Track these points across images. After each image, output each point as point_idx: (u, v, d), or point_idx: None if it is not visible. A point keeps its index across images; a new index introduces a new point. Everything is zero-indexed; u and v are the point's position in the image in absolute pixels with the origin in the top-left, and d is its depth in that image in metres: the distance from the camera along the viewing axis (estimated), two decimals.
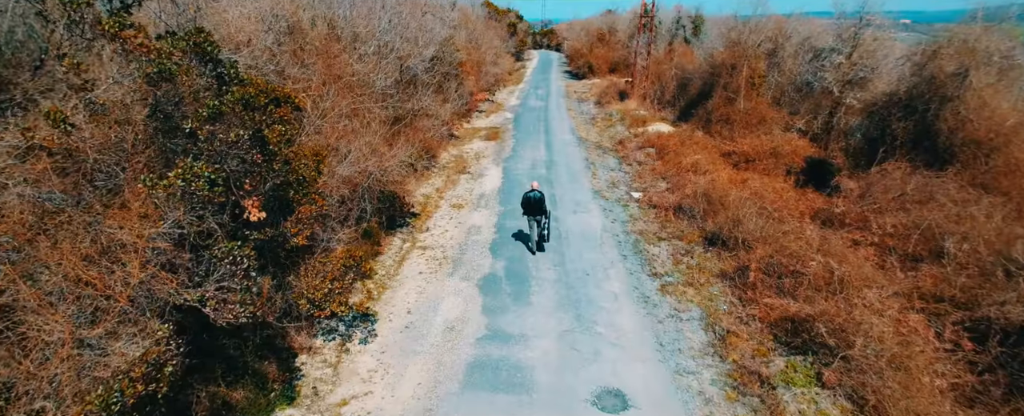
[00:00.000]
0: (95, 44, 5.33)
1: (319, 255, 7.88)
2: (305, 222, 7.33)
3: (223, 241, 5.20)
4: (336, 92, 12.00)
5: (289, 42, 11.41)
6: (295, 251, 7.43)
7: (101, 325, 4.06)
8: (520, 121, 25.27)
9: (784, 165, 17.55)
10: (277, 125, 7.40)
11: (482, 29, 33.34)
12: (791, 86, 21.01)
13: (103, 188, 4.91)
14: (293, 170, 7.40)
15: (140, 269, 4.36)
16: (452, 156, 19.34)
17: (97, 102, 4.89)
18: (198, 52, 6.03)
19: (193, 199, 4.68)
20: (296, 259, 7.53)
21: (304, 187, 7.59)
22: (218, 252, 4.97)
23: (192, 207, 4.79)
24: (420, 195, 15.25)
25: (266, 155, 6.50)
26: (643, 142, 20.88)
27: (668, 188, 15.83)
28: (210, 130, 5.40)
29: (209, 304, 4.78)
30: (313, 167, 7.83)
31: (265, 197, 7.12)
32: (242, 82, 6.69)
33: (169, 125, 5.88)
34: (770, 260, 10.04)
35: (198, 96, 5.81)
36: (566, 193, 15.54)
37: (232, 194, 5.88)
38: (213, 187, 4.89)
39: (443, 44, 20.22)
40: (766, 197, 13.70)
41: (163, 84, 5.61)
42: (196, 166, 4.78)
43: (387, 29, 15.57)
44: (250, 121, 6.11)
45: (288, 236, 7.14)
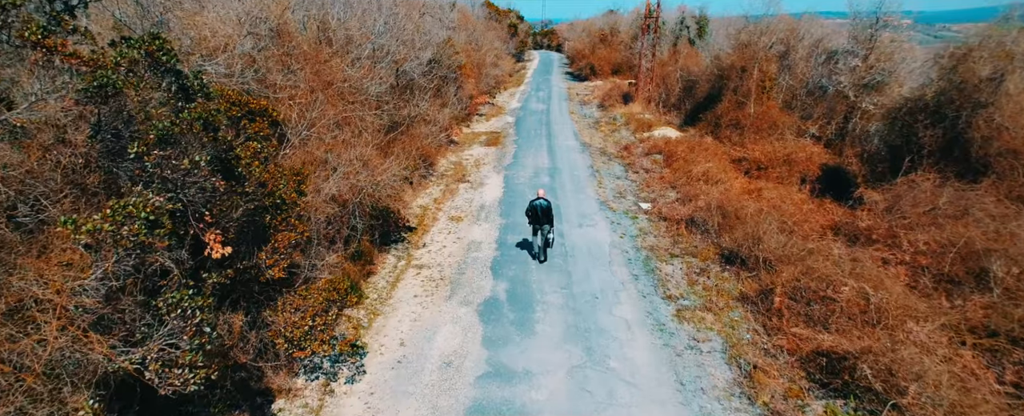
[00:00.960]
0: (24, 54, 4.47)
1: (300, 287, 7.00)
2: (283, 251, 6.45)
3: (177, 287, 4.33)
4: (326, 100, 11.14)
5: (274, 47, 10.54)
6: (272, 284, 6.55)
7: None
8: (521, 125, 24.39)
9: (798, 173, 16.70)
10: (251, 142, 6.52)
11: (482, 30, 32.47)
12: (803, 89, 20.13)
13: (24, 228, 4.06)
14: (270, 192, 6.52)
15: (59, 332, 3.51)
16: (451, 163, 18.46)
17: (15, 124, 4.03)
18: (153, 62, 5.16)
19: (131, 244, 3.83)
20: (273, 292, 6.66)
21: (283, 211, 6.71)
22: (164, 304, 4.11)
23: (129, 253, 3.94)
24: (417, 206, 14.38)
25: (235, 179, 5.62)
26: (649, 148, 20.00)
27: (678, 199, 14.95)
28: (160, 155, 4.54)
29: (151, 368, 3.93)
30: (293, 188, 6.96)
31: (236, 224, 6.25)
32: (208, 95, 5.81)
33: (119, 146, 5.00)
34: (796, 284, 9.15)
35: (149, 114, 4.94)
36: (571, 204, 14.66)
37: (190, 227, 5.01)
38: (154, 229, 4.03)
39: (441, 46, 19.35)
40: (784, 210, 12.82)
41: (110, 100, 4.74)
42: (131, 204, 3.92)
43: (382, 31, 14.70)
44: (211, 142, 5.23)
45: (263, 268, 6.26)
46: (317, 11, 12.50)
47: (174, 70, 5.54)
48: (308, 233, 6.92)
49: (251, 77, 8.41)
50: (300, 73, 10.93)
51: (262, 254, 6.30)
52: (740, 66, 20.49)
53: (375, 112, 12.33)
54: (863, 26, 18.70)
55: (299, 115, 9.74)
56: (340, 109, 11.39)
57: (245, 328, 6.37)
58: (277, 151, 8.29)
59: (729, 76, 20.96)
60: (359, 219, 9.87)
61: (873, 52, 18.41)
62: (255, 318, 6.58)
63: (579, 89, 35.38)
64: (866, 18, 18.68)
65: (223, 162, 5.53)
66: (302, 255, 7.31)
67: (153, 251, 4.10)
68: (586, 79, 39.36)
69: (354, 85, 12.09)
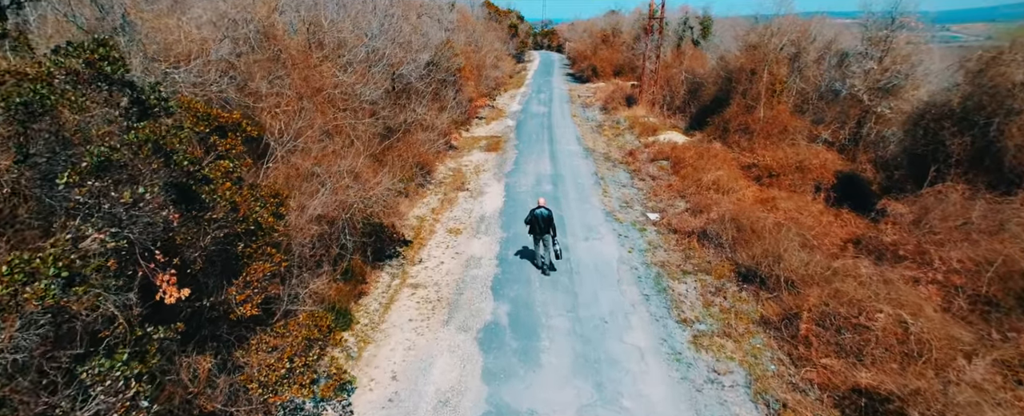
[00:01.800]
0: None
1: (277, 323, 6.22)
2: (257, 285, 5.67)
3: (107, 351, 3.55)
4: (315, 108, 10.36)
5: (260, 51, 9.76)
6: (244, 321, 5.78)
7: None
8: (522, 129, 23.61)
9: (812, 180, 15.93)
10: (222, 161, 5.74)
11: (482, 31, 31.69)
12: (815, 93, 19.35)
13: None
14: (243, 217, 5.75)
15: None
16: (449, 170, 17.68)
17: None
18: (96, 73, 4.39)
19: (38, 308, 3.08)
20: (245, 331, 5.88)
21: (258, 237, 5.93)
22: (88, 374, 3.35)
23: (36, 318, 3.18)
24: (413, 217, 13.60)
25: (197, 206, 4.84)
26: (655, 153, 19.23)
27: (688, 209, 14.17)
28: (97, 186, 3.78)
29: None
30: (271, 210, 6.18)
31: (203, 254, 5.47)
32: (168, 110, 5.03)
33: (54, 172, 4.23)
34: (824, 308, 8.38)
35: (89, 136, 4.18)
36: (575, 215, 13.88)
37: (139, 267, 4.25)
38: (69, 287, 3.27)
39: (440, 48, 18.56)
40: (803, 223, 12.05)
41: (39, 118, 3.97)
42: (37, 260, 3.16)
43: (377, 34, 13.91)
44: (165, 168, 4.46)
45: (233, 305, 5.48)
46: (306, 12, 11.71)
47: (126, 82, 4.76)
48: (286, 263, 6.14)
49: (228, 85, 7.63)
50: (287, 79, 10.17)
51: (232, 288, 5.52)
52: (750, 68, 19.71)
53: (369, 120, 11.55)
54: (878, 27, 17.94)
55: (284, 125, 8.96)
56: (330, 117, 10.62)
57: (214, 372, 5.59)
58: (255, 168, 7.52)
59: (738, 79, 20.18)
60: (349, 238, 9.09)
61: (888, 54, 17.65)
62: (226, 359, 5.80)
63: (581, 91, 34.60)
64: (881, 19, 17.93)
65: (182, 189, 4.76)
66: (281, 285, 6.56)
67: (72, 315, 3.34)
68: (588, 80, 38.59)
69: (346, 91, 11.31)
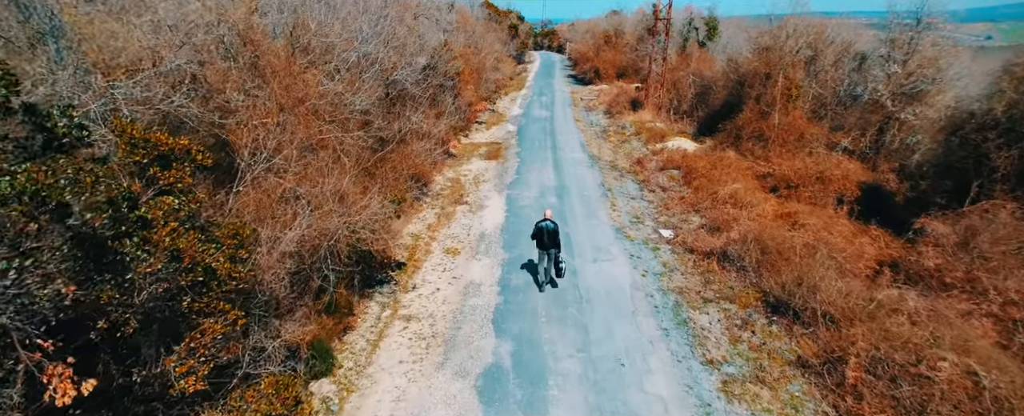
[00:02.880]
0: None
1: (233, 391, 5.12)
2: (204, 351, 4.58)
3: None
4: (297, 120, 9.25)
5: (232, 58, 8.66)
6: (187, 398, 4.68)
7: None
8: (524, 135, 22.51)
9: (833, 193, 14.84)
10: (165, 197, 4.64)
11: (482, 32, 30.57)
12: (833, 98, 18.24)
13: None
14: (189, 267, 4.65)
15: None
16: (448, 180, 16.58)
17: None
18: None
19: None
20: (190, 408, 4.78)
21: (211, 289, 4.83)
22: None
23: None
24: (408, 235, 12.50)
25: (114, 270, 3.75)
26: (664, 161, 18.13)
27: (704, 225, 13.07)
28: None
29: None
30: (229, 253, 5.08)
31: (139, 315, 4.37)
32: (83, 140, 3.93)
33: None
34: (874, 352, 7.28)
35: None
36: (582, 232, 12.78)
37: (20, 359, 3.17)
38: None
39: (437, 51, 17.45)
40: (832, 243, 10.96)
41: None
42: None
43: (369, 37, 12.80)
44: (57, 224, 3.37)
45: (172, 378, 4.39)
46: (289, 15, 10.60)
47: (27, 107, 3.66)
48: (244, 320, 5.04)
49: (190, 99, 6.53)
50: (267, 88, 9.06)
51: (171, 359, 4.42)
52: (764, 72, 18.60)
53: (358, 132, 10.44)
54: (902, 28, 16.84)
55: (260, 141, 7.86)
56: (314, 130, 9.51)
57: None
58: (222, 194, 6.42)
59: (751, 83, 19.06)
60: (332, 269, 7.98)
61: (913, 57, 16.55)
62: None
63: (583, 93, 33.49)
64: (905, 19, 16.82)
65: (93, 245, 3.67)
66: (243, 340, 5.46)
67: None
68: (590, 82, 37.48)
69: (333, 100, 10.21)
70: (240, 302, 5.23)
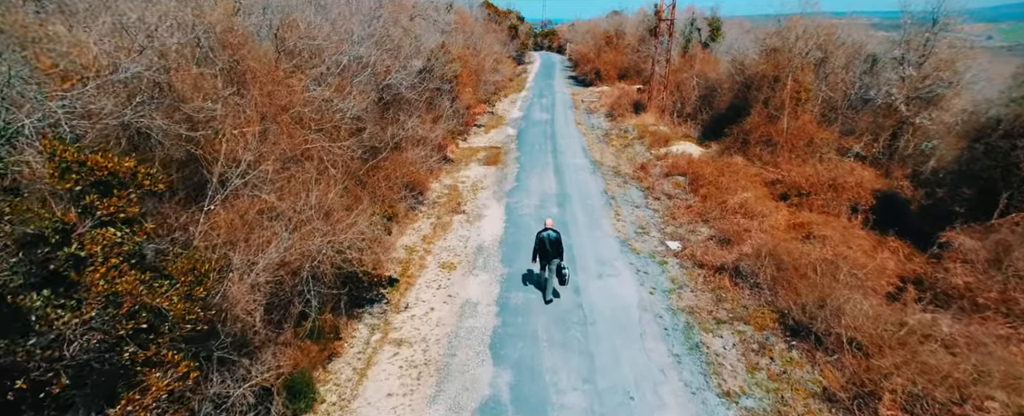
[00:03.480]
0: None
1: None
2: (149, 411, 3.87)
3: None
4: (280, 130, 8.55)
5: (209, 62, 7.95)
6: None
7: None
8: (524, 139, 21.79)
9: (847, 201, 14.13)
10: (106, 229, 3.94)
11: (481, 33, 29.84)
12: (843, 101, 17.53)
13: None
14: (131, 311, 3.94)
15: None
16: (445, 187, 15.87)
17: None
18: None
19: None
20: None
21: (161, 335, 4.13)
22: None
23: None
24: (401, 248, 11.80)
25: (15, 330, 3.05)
26: (669, 167, 17.43)
27: (713, 236, 12.37)
28: None
29: None
30: (184, 291, 4.38)
31: (65, 368, 3.67)
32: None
33: None
34: (910, 388, 6.58)
35: None
36: (586, 243, 12.08)
37: None
38: None
39: (434, 53, 16.74)
40: (851, 258, 10.26)
41: None
42: None
43: (360, 39, 12.08)
44: None
45: None
46: (274, 15, 9.90)
47: None
48: (196, 374, 4.34)
49: (151, 110, 5.81)
50: (247, 95, 8.36)
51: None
52: (772, 75, 17.89)
53: (349, 141, 9.74)
54: (916, 29, 16.14)
55: (236, 155, 7.15)
56: (299, 140, 8.80)
57: None
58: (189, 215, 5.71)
59: (759, 86, 18.35)
60: (313, 293, 7.28)
61: (929, 59, 15.85)
62: None
63: (584, 95, 32.77)
64: (920, 20, 16.12)
65: None
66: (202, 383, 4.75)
67: None
68: (591, 84, 36.76)
69: (320, 107, 9.50)
70: (198, 346, 4.52)
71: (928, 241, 12.15)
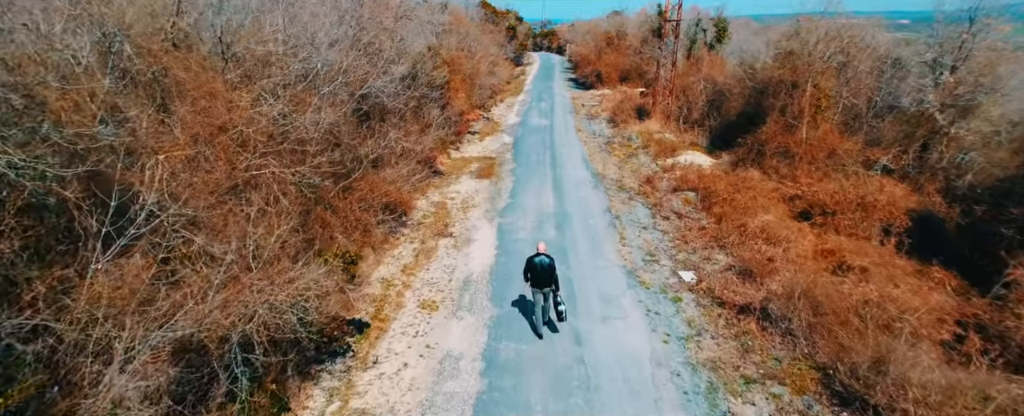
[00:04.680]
0: None
1: None
2: None
3: None
4: (217, 154, 6.94)
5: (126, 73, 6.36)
6: None
7: None
8: (521, 148, 20.18)
9: (878, 221, 12.54)
10: None
11: (476, 34, 28.20)
12: (868, 109, 15.91)
13: None
14: None
15: None
16: (432, 205, 14.26)
17: None
18: None
19: None
20: None
21: None
22: None
23: None
24: (377, 281, 10.20)
25: None
26: (678, 180, 15.81)
27: (732, 266, 10.77)
28: None
29: None
30: None
31: None
32: None
33: None
34: None
35: None
36: (587, 275, 10.48)
37: None
38: None
39: (422, 57, 15.13)
40: (900, 300, 8.65)
41: None
42: None
43: (330, 43, 10.46)
44: None
45: None
46: (222, 16, 8.28)
47: None
48: None
49: None
50: (176, 113, 6.77)
51: None
52: (790, 80, 16.25)
53: (307, 165, 8.13)
54: (950, 30, 14.51)
55: (152, 188, 5.54)
56: (242, 166, 7.18)
57: None
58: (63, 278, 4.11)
59: (775, 92, 16.72)
60: (242, 370, 5.68)
61: (966, 62, 14.23)
62: None
63: (585, 99, 31.14)
64: (955, 20, 14.50)
65: None
66: None
67: None
68: (591, 87, 35.12)
69: (275, 124, 7.89)
70: None
71: (976, 270, 10.60)
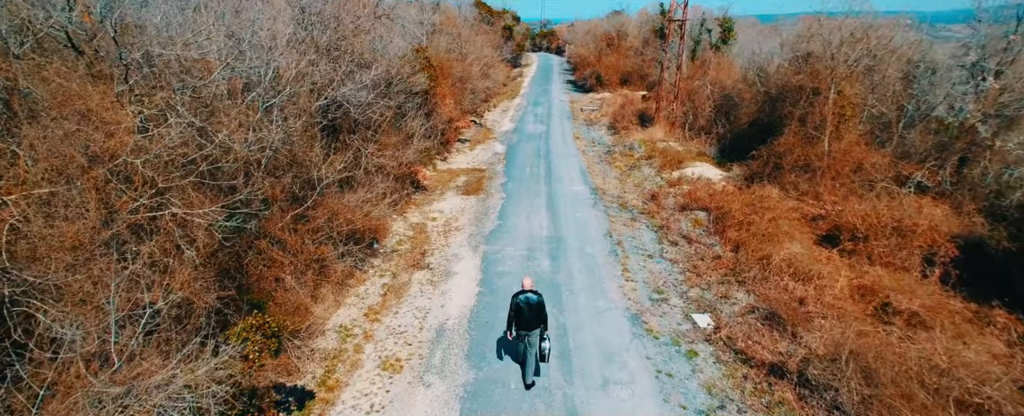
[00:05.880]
0: None
1: None
2: None
3: None
4: (86, 194, 5.14)
5: None
6: None
7: None
8: (514, 158, 18.37)
9: (919, 249, 10.77)
10: None
11: (469, 35, 26.35)
12: (899, 119, 14.08)
13: None
14: None
15: None
16: (410, 227, 12.45)
17: None
18: None
19: None
20: None
21: None
22: None
23: None
24: (333, 329, 8.42)
25: None
26: (686, 198, 14.01)
27: (755, 307, 8.97)
28: None
29: None
30: None
31: None
32: None
33: None
34: None
35: None
36: (585, 322, 8.69)
37: None
38: None
39: (401, 60, 13.31)
40: (974, 366, 6.85)
41: None
42: None
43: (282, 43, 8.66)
44: None
45: None
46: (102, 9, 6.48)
47: None
48: None
49: None
50: (20, 141, 4.99)
51: None
52: (810, 87, 14.43)
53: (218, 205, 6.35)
54: (992, 32, 12.71)
55: None
56: (130, 208, 5.38)
57: None
58: None
59: (794, 100, 14.90)
60: None
61: (1012, 66, 12.43)
62: None
63: (584, 103, 29.30)
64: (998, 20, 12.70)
65: None
66: None
67: None
68: (591, 90, 33.29)
69: (177, 152, 6.08)
70: None
71: None
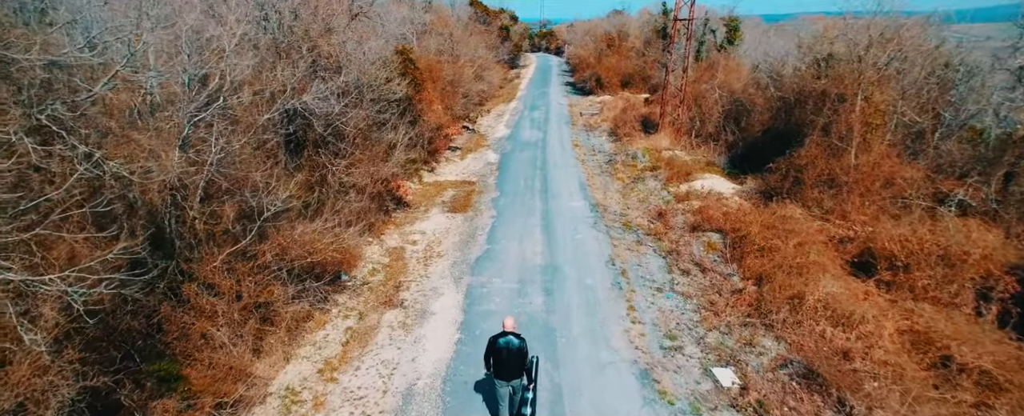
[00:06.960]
0: None
1: None
2: None
3: None
4: None
5: None
6: None
7: None
8: (507, 169, 16.80)
9: (970, 282, 9.23)
10: None
11: (462, 36, 24.76)
12: (936, 129, 12.50)
13: None
14: None
15: None
16: (386, 252, 10.91)
17: None
18: None
19: None
20: None
21: None
22: None
23: None
24: (277, 394, 6.87)
25: None
26: (697, 216, 12.45)
27: (788, 360, 7.41)
28: None
29: None
30: None
31: None
32: None
33: None
34: None
35: None
36: (583, 379, 7.13)
37: None
38: None
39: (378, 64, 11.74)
40: None
41: None
42: None
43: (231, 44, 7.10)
44: None
45: None
46: None
47: None
48: None
49: None
50: None
51: None
52: (834, 93, 12.85)
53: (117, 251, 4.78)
54: None
55: None
56: None
57: None
58: None
59: (816, 107, 13.33)
60: None
61: None
62: None
63: (583, 107, 27.72)
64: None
65: None
66: None
67: None
68: (590, 92, 31.71)
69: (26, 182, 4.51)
70: None
71: None
